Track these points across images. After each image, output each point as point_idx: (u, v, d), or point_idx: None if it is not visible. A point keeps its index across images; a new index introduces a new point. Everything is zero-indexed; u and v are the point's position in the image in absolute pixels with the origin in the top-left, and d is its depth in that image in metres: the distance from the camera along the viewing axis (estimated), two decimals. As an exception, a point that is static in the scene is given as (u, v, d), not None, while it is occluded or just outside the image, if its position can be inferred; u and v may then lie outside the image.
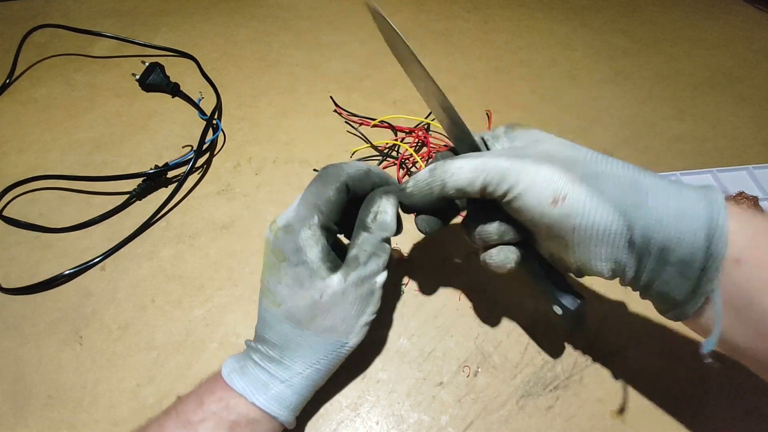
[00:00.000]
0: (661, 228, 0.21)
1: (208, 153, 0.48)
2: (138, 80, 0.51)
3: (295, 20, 0.66)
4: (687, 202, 0.21)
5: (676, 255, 0.21)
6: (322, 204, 0.26)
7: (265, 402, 0.25)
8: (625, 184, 0.22)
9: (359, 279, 0.26)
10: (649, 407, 0.31)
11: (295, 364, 0.26)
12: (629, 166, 0.23)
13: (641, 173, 0.23)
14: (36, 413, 0.31)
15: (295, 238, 0.26)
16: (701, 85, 0.57)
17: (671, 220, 0.21)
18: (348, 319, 0.26)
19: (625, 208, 0.21)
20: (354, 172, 0.28)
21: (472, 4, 0.71)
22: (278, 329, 0.26)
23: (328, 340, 0.26)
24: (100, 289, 0.37)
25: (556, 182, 0.22)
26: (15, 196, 0.43)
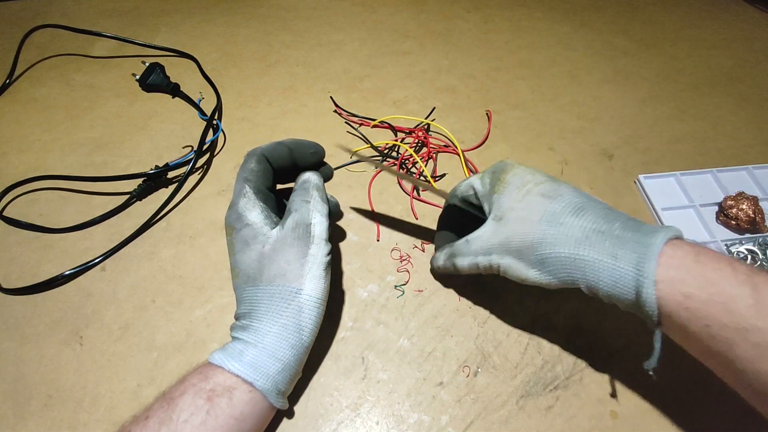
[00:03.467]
0: (601, 292, 0.26)
1: (209, 153, 0.48)
2: (138, 80, 0.51)
3: (295, 20, 0.66)
4: (618, 274, 0.25)
5: (621, 305, 0.26)
6: (247, 175, 0.31)
7: (240, 367, 0.26)
8: (567, 264, 0.27)
9: (294, 222, 0.29)
10: (649, 407, 0.31)
11: (261, 323, 0.27)
12: (573, 237, 0.27)
13: (583, 245, 0.26)
14: (36, 413, 0.31)
15: (235, 209, 0.30)
16: (701, 85, 0.57)
17: (607, 288, 0.26)
18: (293, 262, 0.28)
19: (571, 278, 0.27)
20: (266, 145, 0.33)
21: (472, 4, 0.71)
22: (243, 298, 0.29)
23: (282, 288, 0.28)
24: (101, 290, 0.37)
25: (517, 269, 0.29)
26: (15, 197, 0.43)
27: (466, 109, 0.53)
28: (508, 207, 0.30)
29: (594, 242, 0.26)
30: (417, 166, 0.45)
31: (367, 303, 0.36)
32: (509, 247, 0.29)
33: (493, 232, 0.30)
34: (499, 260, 0.30)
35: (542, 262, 0.28)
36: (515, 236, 0.29)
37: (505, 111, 0.52)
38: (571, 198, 0.28)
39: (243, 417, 0.26)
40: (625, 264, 0.25)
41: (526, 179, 0.30)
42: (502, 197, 0.30)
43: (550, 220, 0.28)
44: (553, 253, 0.27)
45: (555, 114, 0.53)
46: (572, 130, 0.51)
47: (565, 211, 0.28)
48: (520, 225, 0.29)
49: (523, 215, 0.29)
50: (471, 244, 0.31)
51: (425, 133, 0.49)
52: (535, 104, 0.54)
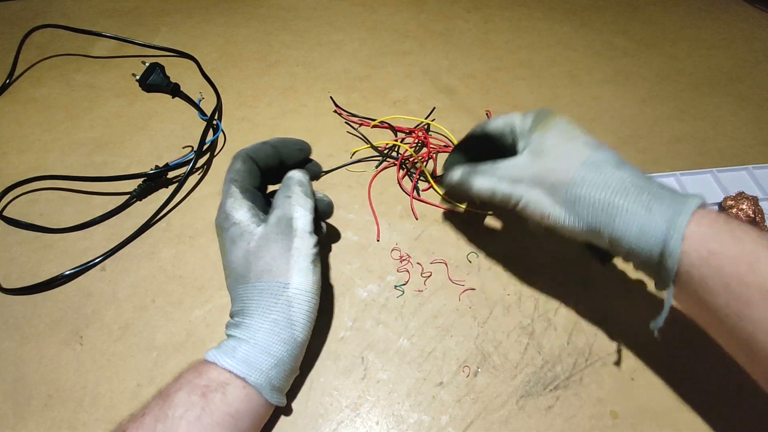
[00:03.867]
0: (626, 242, 0.26)
1: (209, 153, 0.48)
2: (138, 80, 0.51)
3: (295, 20, 0.66)
4: (649, 225, 0.26)
5: (638, 260, 0.27)
6: (233, 175, 0.31)
7: (232, 362, 0.26)
8: (598, 209, 0.27)
9: (276, 218, 0.29)
10: (648, 407, 0.31)
11: (252, 320, 0.27)
12: (610, 185, 0.27)
13: (620, 193, 0.27)
14: (36, 413, 0.31)
15: (222, 209, 0.30)
16: (701, 85, 0.57)
17: (632, 239, 0.26)
18: (278, 257, 0.28)
19: (596, 227, 0.27)
20: (250, 146, 0.33)
21: (472, 4, 0.71)
22: (235, 296, 0.29)
23: (269, 284, 0.28)
24: (101, 290, 0.37)
25: (543, 205, 0.30)
26: (15, 197, 0.43)
27: (466, 109, 0.53)
28: (551, 144, 0.30)
29: (631, 193, 0.26)
30: (417, 165, 0.45)
31: (367, 303, 0.36)
32: (543, 180, 0.29)
33: (529, 162, 0.30)
34: (526, 192, 0.30)
35: (574, 201, 0.28)
36: (554, 171, 0.29)
37: (505, 111, 0.52)
38: (614, 154, 0.29)
39: (238, 412, 0.26)
40: (659, 216, 0.25)
41: (571, 127, 0.31)
42: (545, 135, 0.31)
43: (593, 166, 0.28)
44: (589, 195, 0.27)
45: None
46: (572, 130, 0.51)
47: (608, 162, 0.28)
48: (561, 162, 0.29)
49: (565, 155, 0.29)
50: (499, 167, 0.32)
51: (425, 133, 0.49)
52: (535, 104, 0.54)
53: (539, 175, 0.29)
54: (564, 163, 0.29)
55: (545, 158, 0.30)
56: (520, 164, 0.31)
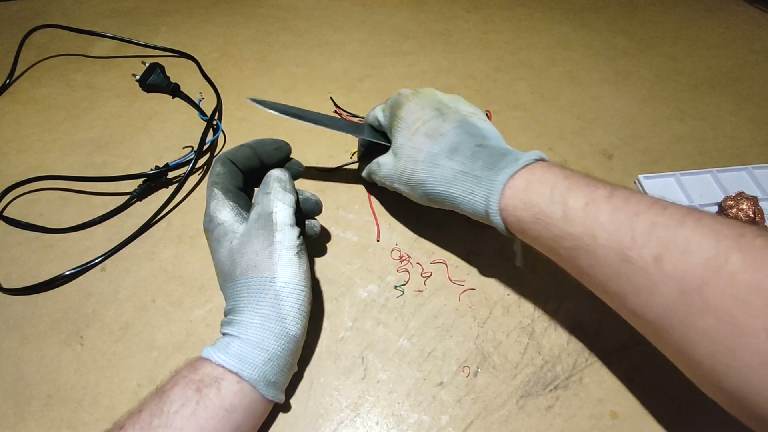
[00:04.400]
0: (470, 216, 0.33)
1: (209, 153, 0.48)
2: (138, 81, 0.51)
3: (295, 20, 0.66)
4: (475, 208, 0.31)
5: (464, 208, 0.32)
6: (215, 178, 0.32)
7: (225, 357, 0.26)
8: (444, 198, 0.33)
9: (257, 214, 0.30)
10: (648, 407, 0.31)
11: (243, 316, 0.28)
12: (446, 178, 0.32)
13: (451, 186, 0.32)
14: (37, 413, 0.31)
15: (207, 212, 0.31)
16: (701, 85, 0.57)
17: (471, 214, 0.33)
18: (260, 252, 0.29)
19: (450, 208, 0.34)
20: (229, 150, 0.34)
21: (472, 4, 0.71)
22: (226, 294, 0.30)
23: (255, 279, 0.28)
24: (101, 290, 0.37)
25: (412, 197, 0.36)
26: (15, 197, 0.43)
27: (466, 109, 0.53)
28: (401, 144, 0.35)
29: (459, 182, 0.31)
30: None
31: (367, 303, 0.36)
32: (403, 180, 0.35)
33: (393, 164, 0.35)
34: (400, 187, 0.36)
35: (427, 196, 0.34)
36: (406, 173, 0.34)
37: (505, 111, 0.52)
38: (450, 138, 0.33)
39: (233, 407, 0.26)
40: (479, 199, 0.31)
41: (416, 116, 0.35)
42: (396, 134, 0.35)
43: (431, 161, 0.33)
44: (433, 191, 0.33)
45: (555, 114, 0.53)
46: (572, 130, 0.51)
47: (442, 153, 0.32)
48: (409, 163, 0.34)
49: (411, 154, 0.34)
50: (380, 168, 0.37)
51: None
52: (535, 104, 0.54)
53: (400, 176, 0.35)
54: (412, 164, 0.34)
55: (400, 160, 0.35)
56: (388, 165, 0.36)
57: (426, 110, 0.35)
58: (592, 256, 0.26)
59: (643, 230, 0.24)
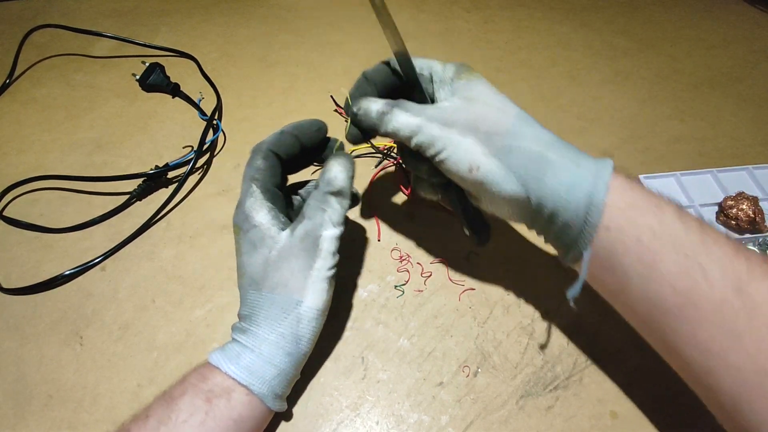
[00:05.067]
0: (553, 198, 0.26)
1: (209, 153, 0.48)
2: (138, 80, 0.51)
3: (295, 20, 0.66)
4: (578, 178, 0.25)
5: (562, 219, 0.26)
6: (254, 173, 0.30)
7: (237, 371, 0.26)
8: (531, 160, 0.26)
9: (304, 231, 0.28)
10: (648, 407, 0.31)
11: (260, 329, 0.27)
12: (542, 140, 0.27)
13: (551, 148, 0.26)
14: (36, 413, 0.31)
15: (242, 209, 0.29)
16: (701, 85, 0.57)
17: (561, 193, 0.25)
18: (296, 273, 0.27)
19: (526, 180, 0.26)
20: (270, 138, 0.32)
21: (472, 4, 0.71)
22: (246, 299, 0.29)
23: (282, 297, 0.27)
24: (101, 290, 0.37)
25: (473, 154, 0.27)
26: (15, 197, 0.43)
27: (466, 109, 0.53)
28: (482, 92, 0.29)
29: (560, 148, 0.27)
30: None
31: (367, 303, 0.36)
32: (478, 126, 0.27)
33: (461, 108, 0.28)
34: (456, 138, 0.27)
35: (509, 152, 0.26)
36: (489, 119, 0.27)
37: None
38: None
39: (241, 419, 0.26)
40: (585, 170, 0.26)
41: (493, 87, 0.30)
42: (473, 83, 0.29)
43: (524, 119, 0.28)
44: (524, 147, 0.26)
45: (555, 114, 0.53)
46: (572, 130, 0.51)
47: (535, 120, 0.28)
48: (496, 112, 0.28)
49: (498, 105, 0.28)
50: (428, 107, 0.29)
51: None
52: (535, 104, 0.54)
53: (473, 121, 0.27)
54: (498, 113, 0.27)
55: (478, 105, 0.28)
56: (450, 107, 0.28)
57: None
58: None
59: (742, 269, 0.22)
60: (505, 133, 0.27)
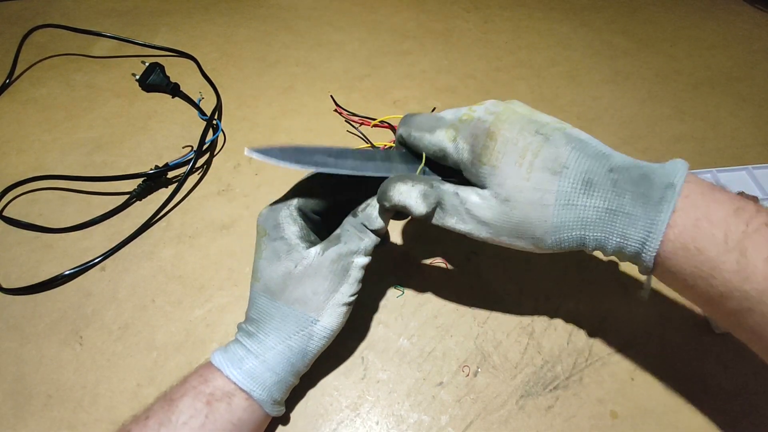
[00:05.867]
0: (604, 252, 0.26)
1: (209, 153, 0.48)
2: (138, 80, 0.51)
3: (295, 20, 0.66)
4: (623, 250, 0.25)
5: (609, 250, 0.26)
6: (305, 191, 0.30)
7: (239, 375, 0.26)
8: (580, 243, 0.26)
9: (337, 255, 0.27)
10: (648, 407, 0.31)
11: (268, 338, 0.27)
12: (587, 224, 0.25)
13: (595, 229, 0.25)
14: (36, 413, 0.31)
15: (275, 215, 0.29)
16: (701, 85, 0.57)
17: (609, 253, 0.26)
18: (319, 294, 0.27)
19: (577, 248, 0.26)
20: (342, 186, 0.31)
21: (472, 4, 0.71)
22: (257, 303, 0.28)
23: (298, 313, 0.27)
24: (101, 290, 0.37)
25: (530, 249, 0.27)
26: (15, 196, 0.43)
27: (466, 109, 0.53)
28: (513, 187, 0.26)
29: (606, 222, 0.25)
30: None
31: (367, 303, 0.36)
32: (524, 233, 0.26)
33: (502, 215, 0.26)
34: (509, 240, 0.27)
35: (558, 243, 0.26)
36: (532, 223, 0.26)
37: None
38: (577, 167, 0.26)
39: (240, 422, 0.26)
40: (633, 242, 0.25)
41: (521, 147, 0.26)
42: (500, 172, 0.26)
43: (565, 203, 0.25)
44: (570, 236, 0.26)
45: (555, 114, 0.52)
46: (572, 130, 0.51)
47: (576, 190, 0.25)
48: (536, 211, 0.26)
49: (536, 198, 0.26)
50: (469, 210, 0.27)
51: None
52: (535, 104, 0.53)
53: (517, 229, 0.26)
54: (539, 211, 0.26)
55: (516, 207, 0.26)
56: (491, 214, 0.27)
57: (526, 135, 0.26)
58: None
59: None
60: (550, 230, 0.26)
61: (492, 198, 0.26)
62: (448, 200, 0.27)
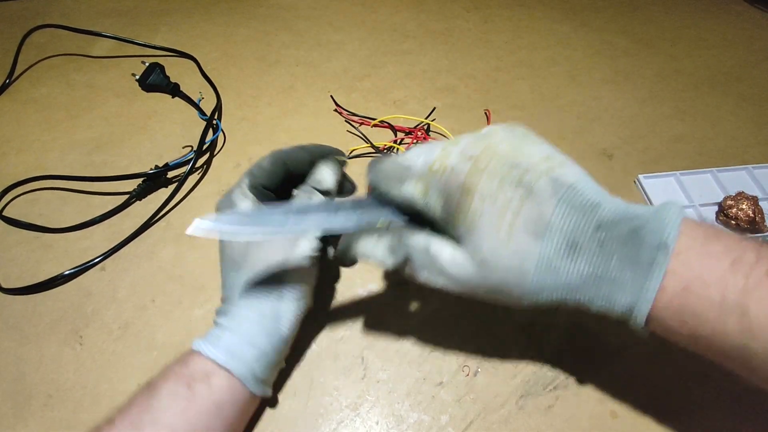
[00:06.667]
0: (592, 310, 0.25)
1: (208, 153, 0.48)
2: (138, 80, 0.51)
3: (295, 20, 0.66)
4: (609, 314, 0.24)
5: (593, 311, 0.25)
6: (254, 169, 0.31)
7: (217, 353, 0.26)
8: (562, 304, 0.25)
9: None
10: (648, 407, 0.31)
11: (239, 309, 0.27)
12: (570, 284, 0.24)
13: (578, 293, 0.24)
14: (36, 413, 0.31)
15: (229, 196, 0.30)
16: (701, 85, 0.57)
17: (596, 312, 0.24)
18: (279, 252, 0.28)
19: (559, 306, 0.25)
20: (288, 148, 0.32)
21: (472, 4, 0.71)
22: (226, 282, 0.29)
23: (263, 275, 0.28)
24: (100, 289, 0.37)
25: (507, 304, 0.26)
26: (15, 196, 0.43)
27: (466, 109, 0.53)
28: (491, 250, 0.24)
29: (591, 286, 0.24)
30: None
31: (367, 302, 0.36)
32: (499, 296, 0.25)
33: (478, 276, 0.25)
34: (486, 297, 0.26)
35: (537, 303, 0.25)
36: (509, 286, 0.25)
37: (505, 111, 0.52)
38: (561, 227, 0.23)
39: (222, 402, 0.26)
40: (620, 307, 0.23)
41: (500, 204, 0.24)
42: (477, 234, 0.24)
43: (546, 267, 0.24)
44: (551, 298, 0.25)
45: (555, 114, 0.53)
46: (572, 130, 0.51)
47: (559, 253, 0.23)
48: (514, 276, 0.24)
49: (515, 264, 0.24)
50: (444, 267, 0.25)
51: (425, 133, 0.49)
52: (535, 104, 0.54)
53: (494, 290, 0.25)
54: (516, 277, 0.24)
55: (494, 271, 0.24)
56: (467, 275, 0.25)
57: (506, 189, 0.24)
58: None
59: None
60: (528, 293, 0.24)
61: (468, 259, 0.25)
62: (418, 257, 0.26)
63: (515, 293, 0.25)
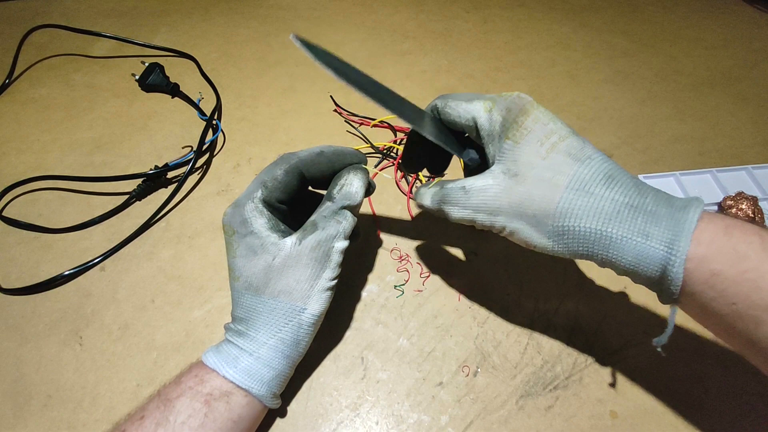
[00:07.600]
0: (620, 266, 0.24)
1: (208, 153, 0.48)
2: (138, 80, 0.51)
3: (295, 20, 0.66)
4: (647, 252, 0.23)
5: (637, 279, 0.25)
6: (268, 180, 0.29)
7: (236, 374, 0.26)
8: (589, 239, 0.24)
9: (316, 242, 0.27)
10: (648, 407, 0.31)
11: (258, 334, 0.27)
12: (600, 212, 0.24)
13: (611, 220, 0.24)
14: (36, 413, 0.31)
15: (240, 211, 0.28)
16: (701, 85, 0.57)
17: (629, 264, 0.24)
18: (303, 282, 0.27)
19: (590, 253, 0.25)
20: (305, 155, 0.30)
21: (472, 4, 0.71)
22: (241, 303, 0.28)
23: (285, 305, 0.27)
24: (100, 290, 0.37)
25: (527, 236, 0.26)
26: (15, 197, 0.43)
27: (465, 109, 0.53)
28: (527, 162, 0.25)
29: (625, 218, 0.23)
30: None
31: (367, 303, 0.36)
32: (524, 211, 0.25)
33: (505, 190, 0.25)
34: (508, 222, 0.26)
35: (563, 234, 0.24)
36: (534, 200, 0.25)
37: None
38: (601, 163, 0.25)
39: (240, 419, 0.26)
40: (657, 243, 0.22)
41: (549, 129, 0.26)
42: (519, 148, 0.25)
43: (579, 187, 0.24)
44: (579, 226, 0.24)
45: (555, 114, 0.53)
46: (572, 130, 0.51)
47: (595, 179, 0.24)
48: (543, 188, 0.24)
49: (546, 176, 0.24)
50: (471, 195, 0.27)
51: (425, 133, 0.49)
52: (535, 104, 0.54)
53: (519, 205, 0.25)
54: (547, 189, 0.24)
55: (523, 183, 0.25)
56: (494, 190, 0.26)
57: (559, 124, 0.26)
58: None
59: None
60: (555, 213, 0.24)
61: (499, 175, 0.26)
62: (454, 195, 0.28)
63: (540, 211, 0.25)
